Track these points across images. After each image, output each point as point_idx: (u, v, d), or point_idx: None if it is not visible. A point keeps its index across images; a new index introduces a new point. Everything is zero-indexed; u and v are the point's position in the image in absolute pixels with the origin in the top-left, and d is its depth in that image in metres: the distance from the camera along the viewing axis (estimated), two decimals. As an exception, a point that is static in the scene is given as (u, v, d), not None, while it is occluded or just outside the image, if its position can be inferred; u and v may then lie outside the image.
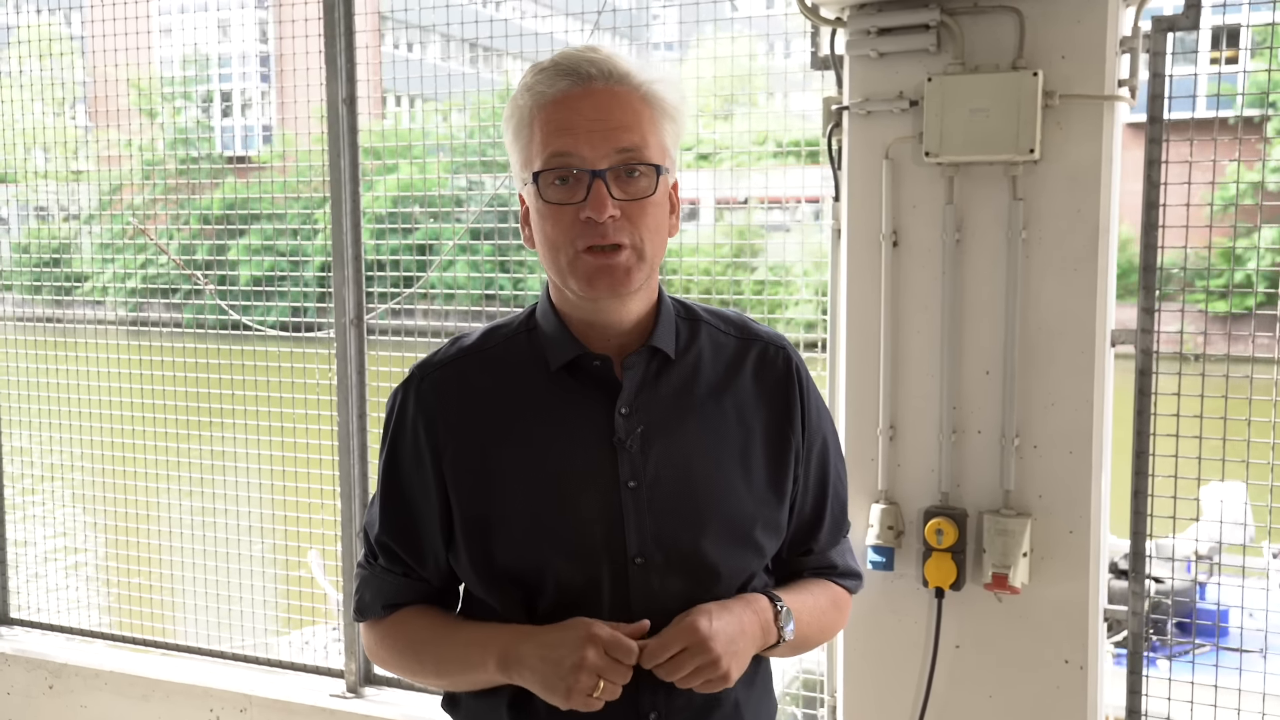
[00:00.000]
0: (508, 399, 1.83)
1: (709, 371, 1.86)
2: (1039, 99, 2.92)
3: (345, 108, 4.21)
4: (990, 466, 3.14)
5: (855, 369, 3.29)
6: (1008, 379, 3.09)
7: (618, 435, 1.78)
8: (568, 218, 1.71)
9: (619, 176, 1.70)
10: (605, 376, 1.80)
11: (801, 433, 1.90)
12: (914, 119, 3.11)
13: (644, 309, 1.82)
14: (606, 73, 1.71)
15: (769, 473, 1.86)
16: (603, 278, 1.71)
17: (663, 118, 1.75)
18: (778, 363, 1.91)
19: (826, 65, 3.38)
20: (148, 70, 7.26)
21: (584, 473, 1.78)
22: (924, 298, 3.18)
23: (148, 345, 4.99)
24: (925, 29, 3.06)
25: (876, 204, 3.19)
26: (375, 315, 4.37)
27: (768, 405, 1.88)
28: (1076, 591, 3.08)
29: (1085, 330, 3.03)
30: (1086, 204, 2.99)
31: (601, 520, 1.77)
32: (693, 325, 1.90)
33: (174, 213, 5.64)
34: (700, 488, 1.80)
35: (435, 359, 1.90)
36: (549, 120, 1.71)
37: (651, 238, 1.74)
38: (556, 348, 1.82)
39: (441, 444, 1.83)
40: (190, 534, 4.80)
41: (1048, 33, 2.97)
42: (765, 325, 1.99)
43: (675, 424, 1.81)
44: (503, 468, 1.80)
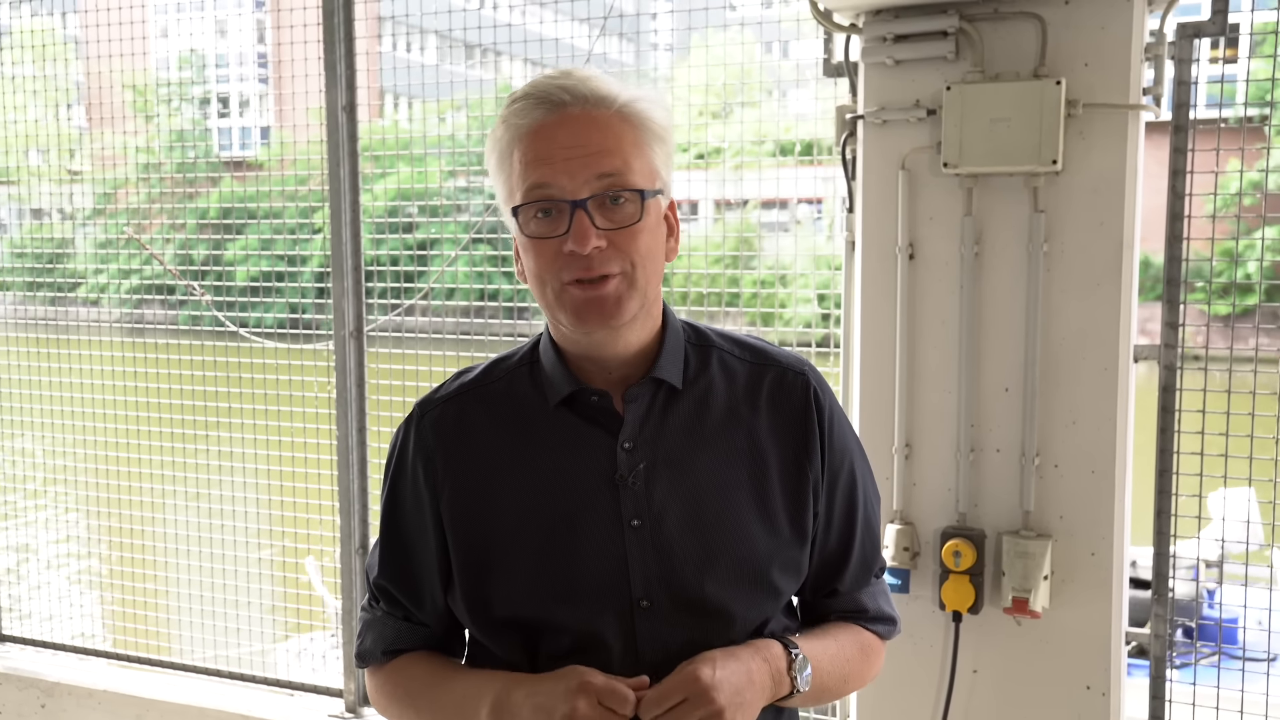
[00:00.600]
0: (508, 436, 1.75)
1: (721, 401, 1.76)
2: (1062, 108, 2.83)
3: (345, 115, 4.11)
4: (1009, 486, 3.05)
5: (870, 385, 3.19)
6: (1028, 396, 3.00)
7: (619, 472, 1.67)
8: (551, 251, 1.62)
9: (602, 205, 1.59)
10: (606, 411, 1.71)
11: (821, 464, 1.78)
12: (931, 128, 3.02)
13: (646, 338, 1.72)
14: (582, 97, 1.62)
15: (786, 508, 1.75)
16: (591, 310, 1.62)
17: (648, 138, 1.66)
18: (795, 389, 1.79)
19: (840, 72, 3.29)
20: (144, 72, 7.18)
21: (585, 512, 1.69)
22: (941, 312, 3.08)
23: (144, 343, 4.95)
24: (943, 36, 2.97)
25: (892, 216, 3.10)
26: (374, 326, 4.29)
27: (784, 436, 1.76)
28: (1098, 615, 2.99)
29: (1108, 346, 2.93)
30: (1110, 216, 2.90)
31: (604, 562, 1.67)
32: (703, 351, 1.79)
33: (171, 209, 5.60)
34: (709, 525, 1.70)
35: (436, 395, 1.82)
36: (526, 152, 1.62)
37: (644, 263, 1.62)
38: (554, 383, 1.73)
39: (440, 484, 1.75)
40: (187, 537, 4.73)
41: (1070, 40, 2.88)
42: (786, 349, 1.87)
43: (683, 458, 1.71)
44: (501, 508, 1.72)
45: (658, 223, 1.69)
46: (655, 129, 1.68)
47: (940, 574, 3.08)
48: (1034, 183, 2.92)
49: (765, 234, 4.71)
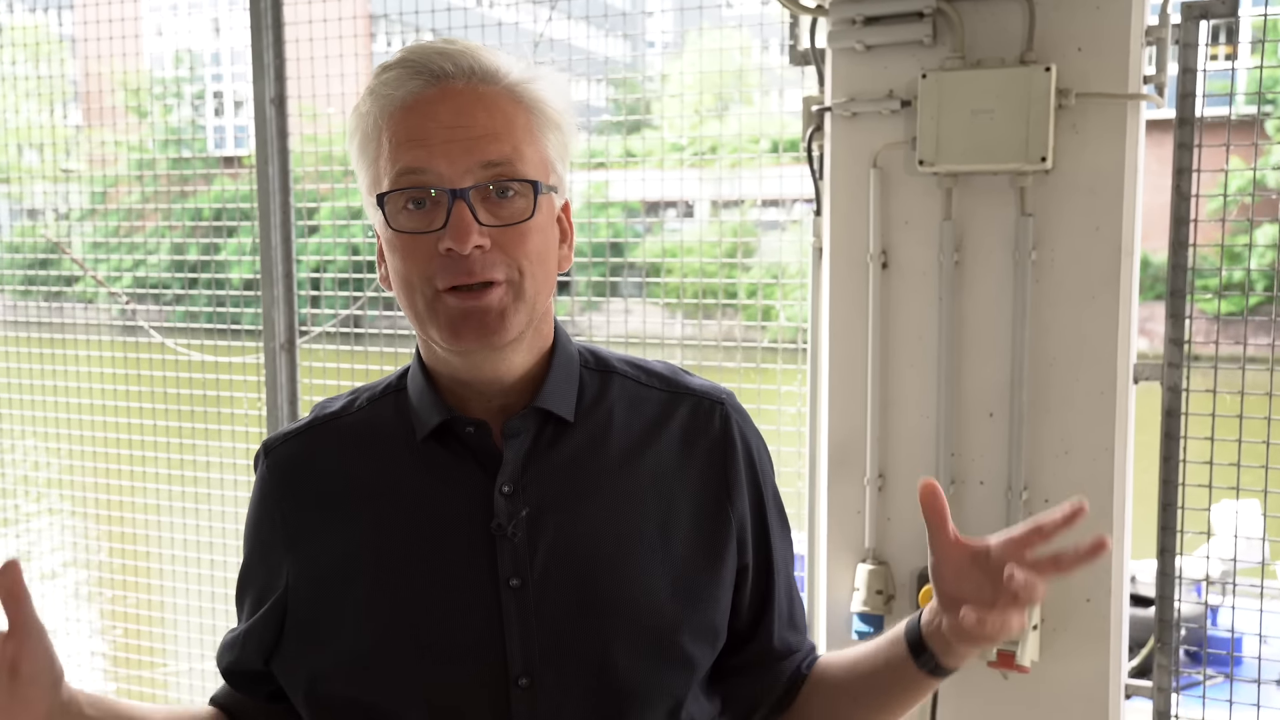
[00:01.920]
0: (364, 479, 1.46)
1: (621, 435, 1.46)
2: (1052, 98, 2.50)
3: (274, 109, 3.79)
4: (994, 523, 2.71)
5: (839, 408, 2.87)
6: (1015, 422, 2.67)
7: (497, 520, 1.38)
8: (424, 250, 1.32)
9: (487, 197, 1.32)
10: (482, 446, 1.41)
11: (748, 507, 1.49)
12: (906, 121, 2.70)
13: (532, 360, 1.43)
14: (467, 69, 1.34)
15: (700, 560, 1.45)
16: (470, 325, 1.33)
17: (543, 125, 1.37)
18: (713, 421, 1.49)
19: (806, 60, 2.96)
20: (137, 69, 7.15)
21: (453, 569, 1.39)
22: (918, 327, 2.76)
23: (135, 342, 4.69)
24: (919, 17, 2.65)
25: (863, 219, 2.77)
26: (324, 327, 3.98)
27: (699, 475, 1.47)
28: (1094, 669, 2.67)
29: (1105, 366, 2.61)
30: (1107, 220, 2.57)
31: (474, 631, 1.37)
32: (603, 378, 1.50)
33: (166, 209, 5.42)
34: (605, 585, 1.40)
35: (280, 433, 1.54)
36: (397, 130, 1.33)
37: (534, 269, 1.35)
38: (421, 413, 1.44)
39: (290, 535, 1.47)
40: (177, 540, 4.50)
41: (1061, 21, 2.56)
42: (701, 378, 1.58)
43: (573, 503, 1.41)
44: (355, 565, 1.42)
45: (550, 223, 1.40)
46: (551, 114, 1.39)
47: (917, 621, 2.76)
48: (1021, 182, 2.60)
49: (761, 232, 4.45)
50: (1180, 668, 3.04)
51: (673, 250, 4.57)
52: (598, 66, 6.11)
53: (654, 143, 4.31)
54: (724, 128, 4.22)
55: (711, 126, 4.31)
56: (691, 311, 3.80)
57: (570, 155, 1.44)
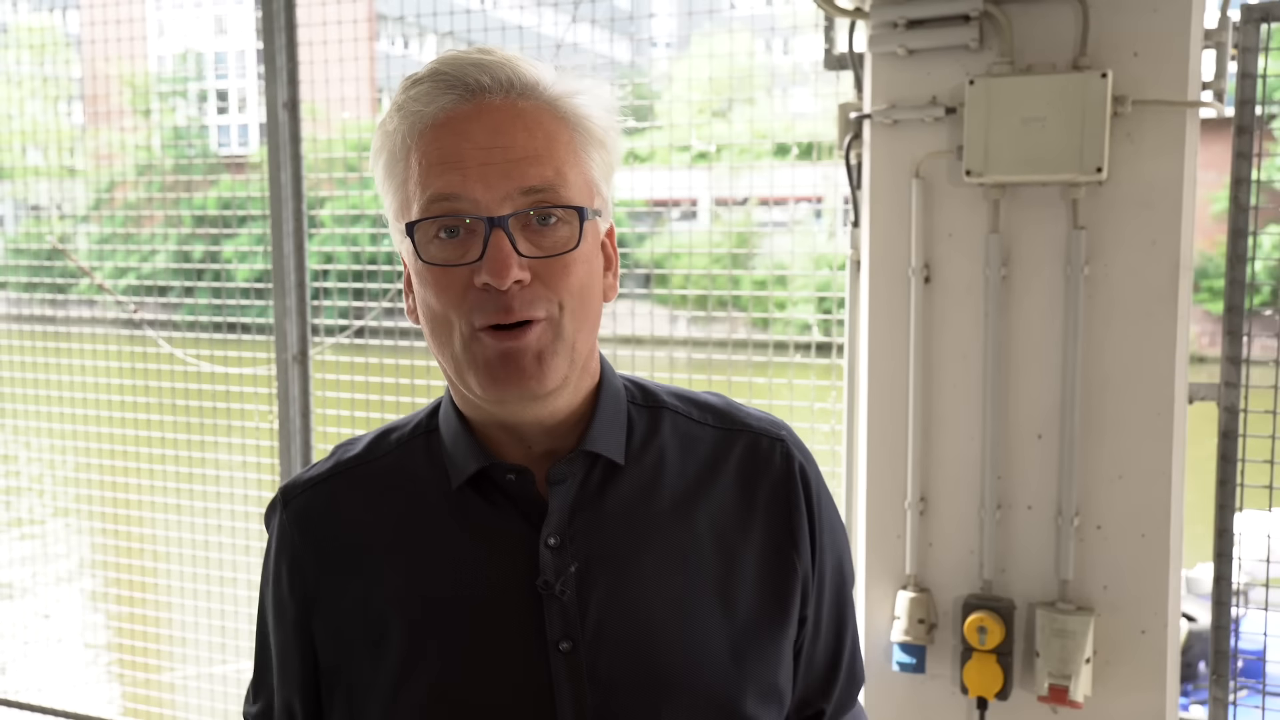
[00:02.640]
0: (395, 530, 1.32)
1: (674, 478, 1.33)
2: (1108, 106, 2.38)
3: (286, 113, 3.67)
4: (1043, 550, 2.61)
5: (878, 428, 2.74)
6: (1065, 445, 2.55)
7: (544, 577, 1.25)
8: (458, 284, 1.19)
9: (526, 224, 1.19)
10: (525, 495, 1.28)
11: (811, 555, 1.36)
12: (950, 130, 2.57)
13: (576, 401, 1.30)
14: (505, 82, 1.21)
15: (765, 617, 1.32)
16: (507, 370, 1.20)
17: (587, 143, 1.24)
18: (774, 460, 1.36)
19: (843, 64, 2.84)
20: (143, 68, 7.12)
21: (496, 632, 1.26)
22: (962, 345, 2.64)
23: (141, 337, 4.59)
24: (965, 20, 2.52)
25: (905, 232, 2.65)
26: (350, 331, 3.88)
27: (761, 521, 1.34)
28: (1150, 705, 2.54)
29: (1161, 387, 2.49)
30: (1163, 234, 2.45)
31: (522, 699, 1.25)
32: (652, 415, 1.37)
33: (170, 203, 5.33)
34: (662, 647, 1.27)
35: (304, 477, 1.39)
36: (428, 151, 1.20)
37: (577, 305, 1.22)
38: (457, 459, 1.31)
39: (310, 595, 1.33)
40: (169, 539, 4.39)
41: (1116, 25, 2.43)
42: (758, 410, 1.44)
43: (626, 557, 1.29)
44: (387, 627, 1.29)
45: (594, 252, 1.26)
46: (595, 131, 1.25)
47: (962, 651, 2.64)
48: (1073, 194, 2.48)
49: (764, 233, 4.35)
50: (1201, 681, 2.91)
51: (677, 250, 4.49)
52: (602, 67, 6.02)
53: (658, 142, 4.21)
54: (729, 127, 4.11)
55: (717, 127, 4.21)
56: (695, 313, 3.70)
57: (614, 174, 1.31)
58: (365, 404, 3.86)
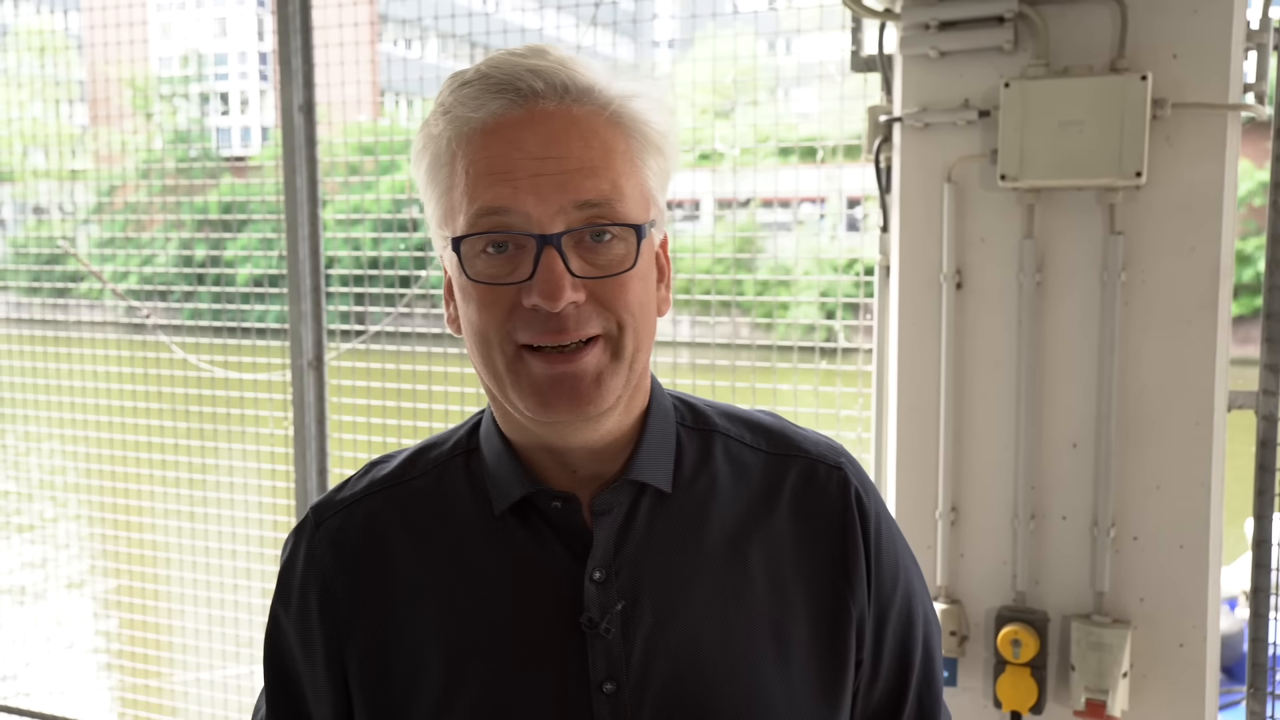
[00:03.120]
0: (435, 558, 1.25)
1: (726, 508, 1.26)
2: (1147, 108, 2.32)
3: (302, 116, 3.62)
4: (1078, 561, 2.55)
5: (908, 437, 2.69)
6: (1101, 454, 2.50)
7: (588, 614, 1.19)
8: (505, 301, 1.13)
9: (581, 242, 1.12)
10: (570, 525, 1.22)
11: (868, 594, 1.27)
12: (983, 133, 2.53)
13: (627, 421, 1.22)
14: (560, 87, 1.13)
15: (818, 661, 1.25)
16: (561, 393, 1.13)
17: (644, 151, 1.17)
18: (830, 489, 1.28)
19: (871, 66, 2.79)
20: (144, 69, 7.11)
21: (539, 670, 1.20)
22: (994, 352, 2.59)
23: (143, 341, 4.56)
24: (999, 22, 2.47)
25: (936, 237, 2.60)
26: (365, 336, 3.83)
27: (815, 556, 1.26)
28: (1188, 718, 2.49)
29: (1200, 395, 2.44)
30: (1203, 240, 2.40)
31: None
32: (703, 439, 1.29)
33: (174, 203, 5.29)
34: (711, 692, 1.20)
35: (338, 497, 1.32)
36: (476, 160, 1.12)
37: (634, 323, 1.15)
38: (500, 483, 1.24)
39: (341, 623, 1.25)
40: (181, 546, 4.41)
41: (1155, 26, 2.38)
42: (814, 433, 1.36)
43: (675, 594, 1.22)
44: (424, 661, 1.22)
45: (650, 267, 1.19)
46: (653, 137, 1.18)
47: (995, 664, 2.59)
48: (1110, 198, 2.43)
49: (768, 233, 4.32)
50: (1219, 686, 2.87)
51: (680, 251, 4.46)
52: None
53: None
54: (731, 127, 4.07)
55: (721, 128, 4.16)
56: (698, 313, 3.65)
57: (670, 181, 1.25)
58: (381, 410, 3.81)
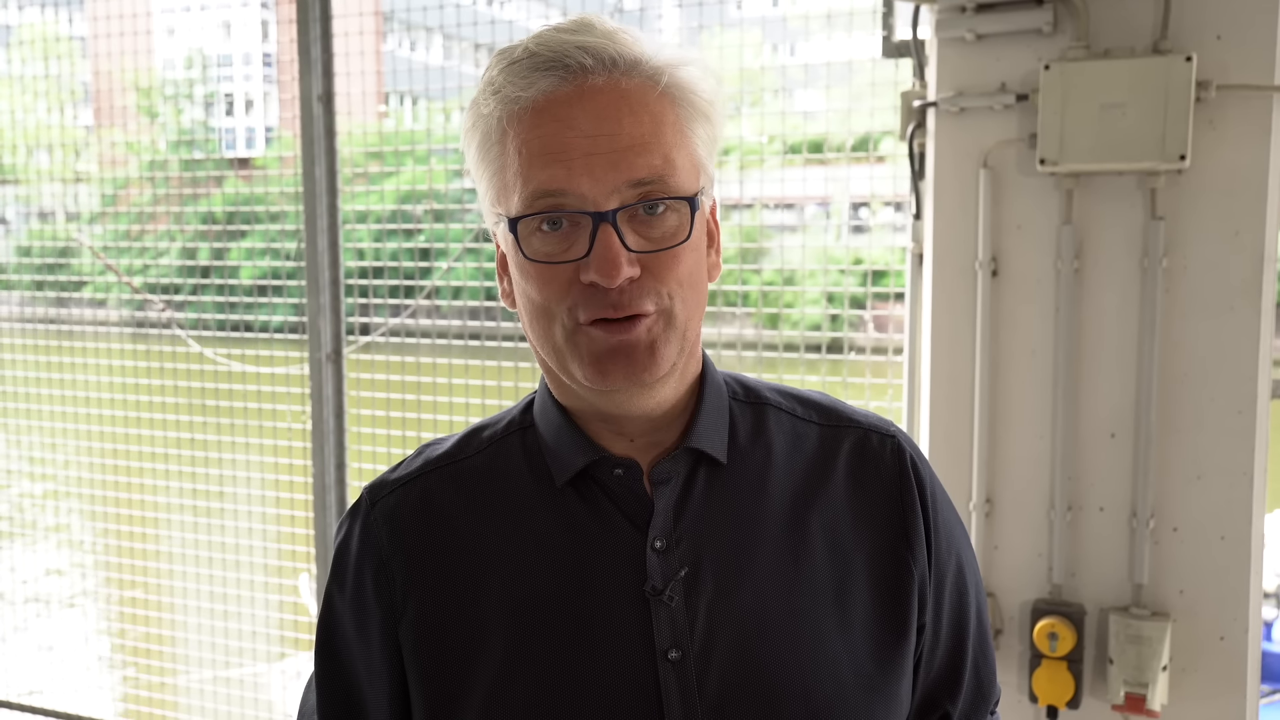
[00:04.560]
0: (493, 532, 1.24)
1: (783, 477, 1.25)
2: (1191, 90, 2.28)
3: (321, 106, 3.59)
4: (1116, 553, 2.51)
5: (941, 426, 2.65)
6: (1141, 443, 2.46)
7: (652, 582, 1.18)
8: (562, 279, 1.12)
9: (635, 216, 1.12)
10: (630, 493, 1.21)
11: (928, 557, 1.27)
12: (1021, 117, 2.49)
13: (681, 391, 1.22)
14: (609, 60, 1.12)
15: (880, 624, 1.24)
16: (618, 362, 1.13)
17: (692, 119, 1.16)
18: (884, 457, 1.29)
19: (904, 52, 2.75)
20: (149, 71, 7.12)
21: (603, 638, 1.18)
22: (1031, 340, 2.55)
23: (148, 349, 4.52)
24: (1038, 4, 2.44)
25: (971, 223, 2.56)
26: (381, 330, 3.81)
27: (875, 521, 1.26)
28: (1229, 713, 2.45)
29: (1244, 383, 2.39)
30: (1247, 224, 2.36)
31: (629, 709, 1.17)
32: (756, 411, 1.29)
33: (179, 210, 5.28)
34: (776, 657, 1.19)
35: (392, 476, 1.31)
36: (529, 139, 1.11)
37: (686, 295, 1.15)
38: (561, 454, 1.23)
39: (398, 600, 1.24)
40: (198, 542, 4.35)
41: (1198, 6, 2.34)
42: (863, 409, 1.36)
43: (735, 561, 1.21)
44: (485, 633, 1.20)
45: (702, 236, 1.19)
46: (701, 105, 1.17)
47: (1031, 658, 2.54)
48: (1151, 183, 2.39)
49: (774, 234, 4.32)
50: None
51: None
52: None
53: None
54: (737, 128, 4.06)
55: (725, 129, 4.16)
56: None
57: (718, 147, 1.23)
58: (401, 404, 3.78)
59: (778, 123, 3.63)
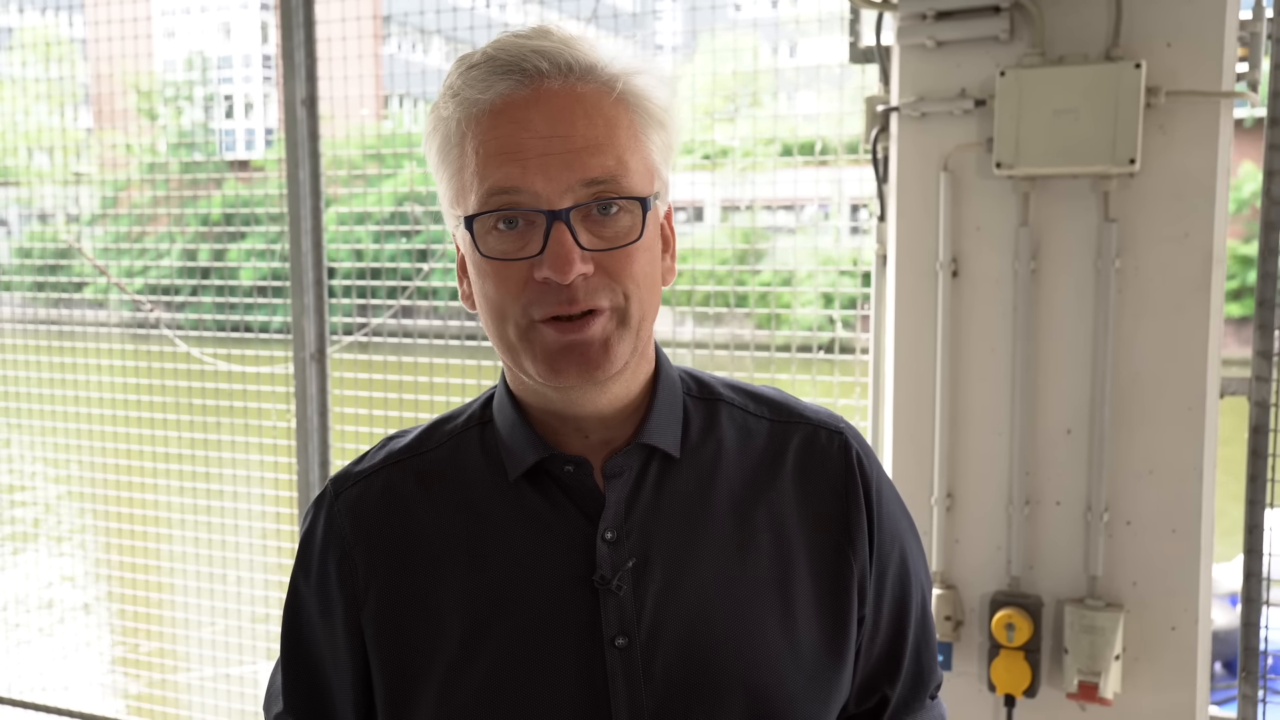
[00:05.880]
0: (451, 523, 1.29)
1: (732, 472, 1.30)
2: (1142, 97, 2.36)
3: (305, 110, 3.65)
4: (1072, 546, 2.58)
5: (904, 424, 2.72)
6: (1095, 440, 2.53)
7: (600, 572, 1.23)
8: (517, 276, 1.17)
9: (588, 215, 1.16)
10: (582, 488, 1.26)
11: (870, 551, 1.32)
12: (980, 122, 2.56)
13: (634, 389, 1.27)
14: (565, 65, 1.17)
15: (821, 615, 1.29)
16: (571, 359, 1.17)
17: (647, 125, 1.21)
18: (831, 453, 1.33)
19: (869, 58, 2.82)
20: (149, 73, 7.15)
21: (553, 626, 1.24)
22: (990, 339, 2.62)
23: (150, 350, 4.56)
24: (995, 12, 2.51)
25: (932, 225, 2.63)
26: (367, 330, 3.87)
27: (818, 516, 1.31)
28: (1180, 702, 2.51)
29: (1193, 381, 2.46)
30: (1196, 226, 2.43)
31: (577, 696, 1.23)
32: (709, 407, 1.34)
33: (178, 212, 5.32)
34: (719, 645, 1.25)
35: (356, 468, 1.36)
36: (486, 140, 1.16)
37: (641, 295, 1.19)
38: (515, 450, 1.28)
39: (360, 588, 1.29)
40: (185, 539, 4.39)
41: (1149, 16, 2.41)
42: (815, 404, 1.41)
43: (682, 552, 1.26)
44: (441, 621, 1.26)
45: (655, 238, 1.24)
46: (655, 112, 1.22)
47: (989, 648, 2.61)
48: (1105, 186, 2.46)
49: (772, 235, 4.37)
50: (1217, 681, 2.90)
51: (683, 255, 4.49)
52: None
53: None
54: (736, 130, 4.11)
55: (724, 129, 4.20)
56: (702, 315, 3.68)
57: (674, 153, 1.28)
58: (384, 402, 3.84)
59: (777, 125, 3.69)
